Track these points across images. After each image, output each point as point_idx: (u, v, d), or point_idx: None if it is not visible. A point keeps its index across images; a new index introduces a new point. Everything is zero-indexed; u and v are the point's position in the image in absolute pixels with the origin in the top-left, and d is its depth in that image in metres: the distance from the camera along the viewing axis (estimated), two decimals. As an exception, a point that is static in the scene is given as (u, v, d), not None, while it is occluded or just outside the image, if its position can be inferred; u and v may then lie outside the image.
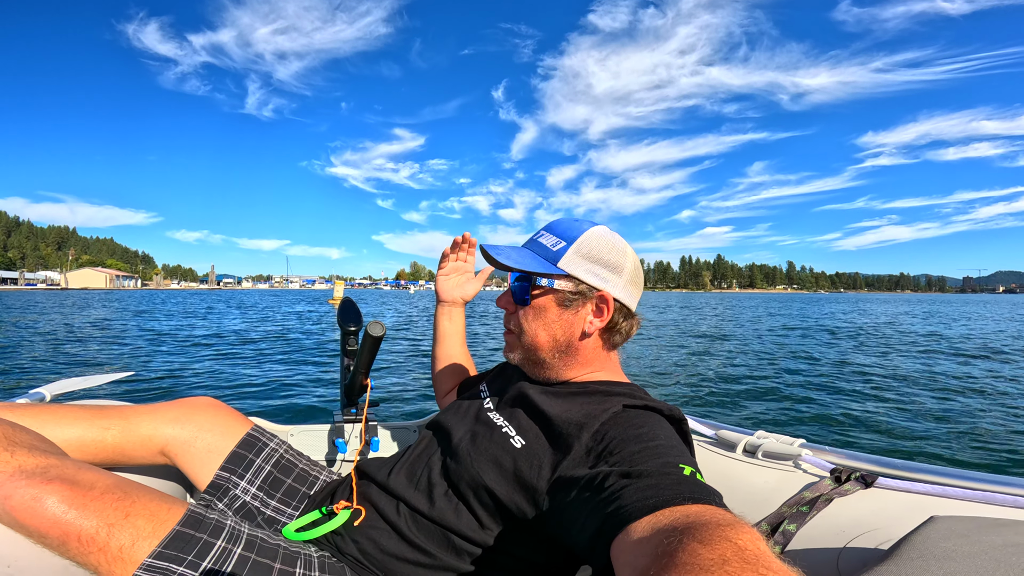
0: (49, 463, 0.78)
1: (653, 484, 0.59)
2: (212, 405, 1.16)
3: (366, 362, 1.31)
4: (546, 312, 0.93)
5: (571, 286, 0.91)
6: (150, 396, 5.89)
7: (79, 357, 8.92)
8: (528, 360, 0.97)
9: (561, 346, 0.93)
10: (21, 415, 0.96)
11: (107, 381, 1.67)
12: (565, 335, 0.93)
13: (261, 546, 0.87)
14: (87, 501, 0.74)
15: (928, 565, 0.65)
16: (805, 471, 1.14)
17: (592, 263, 0.91)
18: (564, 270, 0.90)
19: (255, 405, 5.44)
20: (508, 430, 0.88)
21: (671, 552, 0.43)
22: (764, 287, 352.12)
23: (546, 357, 0.94)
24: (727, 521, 0.47)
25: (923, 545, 0.71)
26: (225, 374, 7.28)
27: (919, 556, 0.68)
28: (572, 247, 0.91)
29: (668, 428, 0.79)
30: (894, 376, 7.61)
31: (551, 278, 0.91)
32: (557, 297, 0.92)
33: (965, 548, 0.68)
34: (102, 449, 1.01)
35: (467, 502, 0.86)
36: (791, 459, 1.18)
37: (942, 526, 0.76)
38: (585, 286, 0.91)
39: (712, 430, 1.37)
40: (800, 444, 1.21)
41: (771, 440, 1.24)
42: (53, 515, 0.72)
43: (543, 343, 0.94)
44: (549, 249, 0.93)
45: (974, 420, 5.05)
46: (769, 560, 0.40)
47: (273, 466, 1.14)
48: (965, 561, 0.65)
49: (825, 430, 4.76)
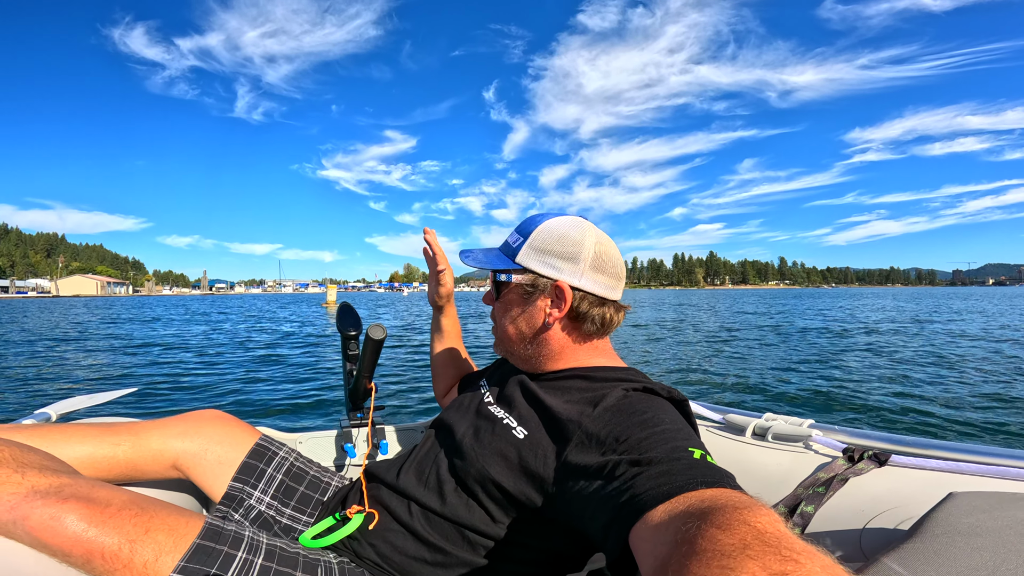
0: (63, 482, 0.77)
1: (665, 471, 0.58)
2: (219, 417, 1.16)
3: (369, 365, 1.30)
4: (511, 306, 0.97)
5: (528, 279, 0.93)
6: (157, 412, 5.82)
7: (94, 370, 8.83)
8: (507, 353, 1.02)
9: (527, 337, 0.96)
10: (30, 436, 0.96)
11: (112, 398, 1.64)
12: (529, 327, 0.95)
13: (281, 555, 0.86)
14: (106, 518, 0.73)
15: (954, 541, 0.64)
16: (816, 452, 1.13)
17: (545, 254, 0.92)
18: (520, 264, 0.93)
19: (261, 414, 5.41)
20: (509, 422, 0.88)
21: (690, 539, 0.42)
22: (757, 283, 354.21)
23: (518, 349, 0.98)
24: (744, 504, 0.46)
25: (946, 522, 0.70)
26: (228, 384, 7.22)
27: (944, 533, 0.67)
28: (527, 241, 0.94)
29: (672, 411, 0.78)
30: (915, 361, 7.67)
31: (508, 273, 0.95)
32: (517, 291, 0.95)
33: (989, 523, 0.67)
34: (114, 465, 1.01)
35: (477, 497, 0.85)
36: (801, 440, 1.17)
37: (963, 502, 0.75)
38: (542, 279, 0.92)
39: (720, 415, 1.37)
40: (809, 425, 1.20)
41: (780, 422, 1.23)
42: (74, 533, 0.71)
43: (512, 335, 0.97)
44: (511, 246, 0.96)
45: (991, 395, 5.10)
46: (791, 541, 0.39)
47: (284, 474, 1.14)
48: (991, 536, 0.64)
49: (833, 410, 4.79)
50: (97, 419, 1.28)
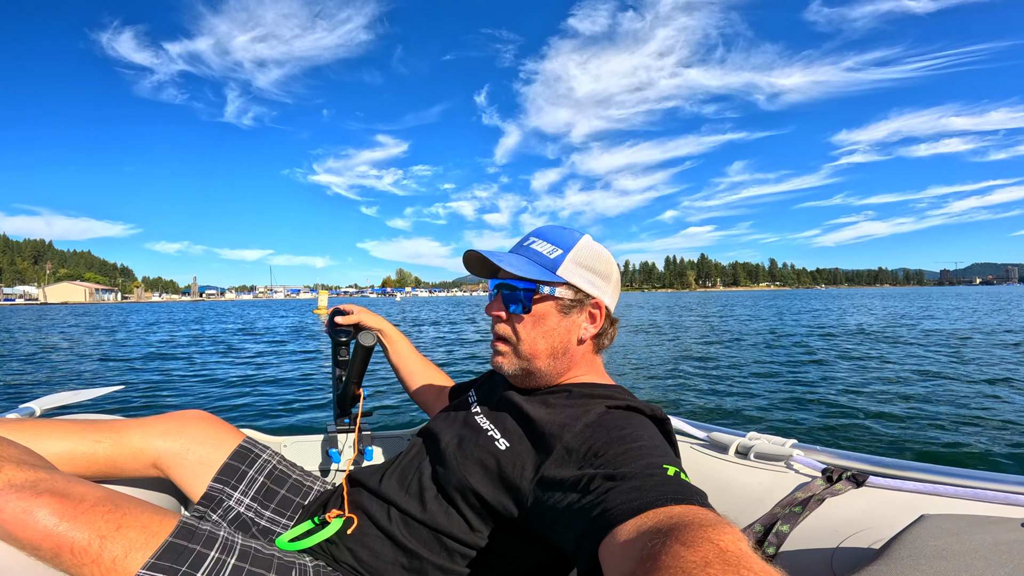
0: (39, 477, 0.78)
1: (637, 486, 0.59)
2: (203, 418, 1.15)
3: (358, 372, 1.30)
4: (545, 320, 0.92)
5: (570, 294, 0.92)
6: (141, 410, 5.75)
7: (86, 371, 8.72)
8: (523, 369, 0.95)
9: (558, 353, 0.94)
10: (11, 430, 0.95)
11: (98, 395, 1.64)
12: (562, 342, 0.93)
13: (255, 557, 0.86)
14: (78, 514, 0.73)
15: (919, 564, 0.65)
16: (797, 471, 1.14)
17: (587, 271, 0.92)
18: (563, 278, 0.91)
19: (246, 417, 5.35)
20: (493, 433, 0.89)
21: (655, 555, 0.43)
22: (748, 285, 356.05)
23: (542, 366, 0.94)
24: (709, 521, 0.47)
25: (914, 544, 0.70)
26: (216, 386, 7.15)
27: (910, 555, 0.67)
28: (569, 255, 0.92)
29: (652, 428, 0.79)
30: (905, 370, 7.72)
31: (552, 286, 0.91)
32: (557, 305, 0.92)
33: (956, 546, 0.68)
34: (94, 462, 1.01)
35: (456, 505, 0.86)
36: (783, 460, 1.18)
37: (932, 524, 0.76)
38: (582, 294, 0.92)
39: (704, 432, 1.37)
40: (791, 444, 1.21)
41: (763, 441, 1.24)
42: (45, 527, 0.71)
43: (541, 351, 0.93)
44: (546, 256, 0.92)
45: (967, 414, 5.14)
46: (751, 561, 0.40)
47: (266, 477, 1.14)
48: (956, 559, 0.65)
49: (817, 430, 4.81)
50: (80, 416, 1.28)
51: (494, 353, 0.99)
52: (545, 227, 0.98)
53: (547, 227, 0.98)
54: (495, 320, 0.98)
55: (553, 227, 0.98)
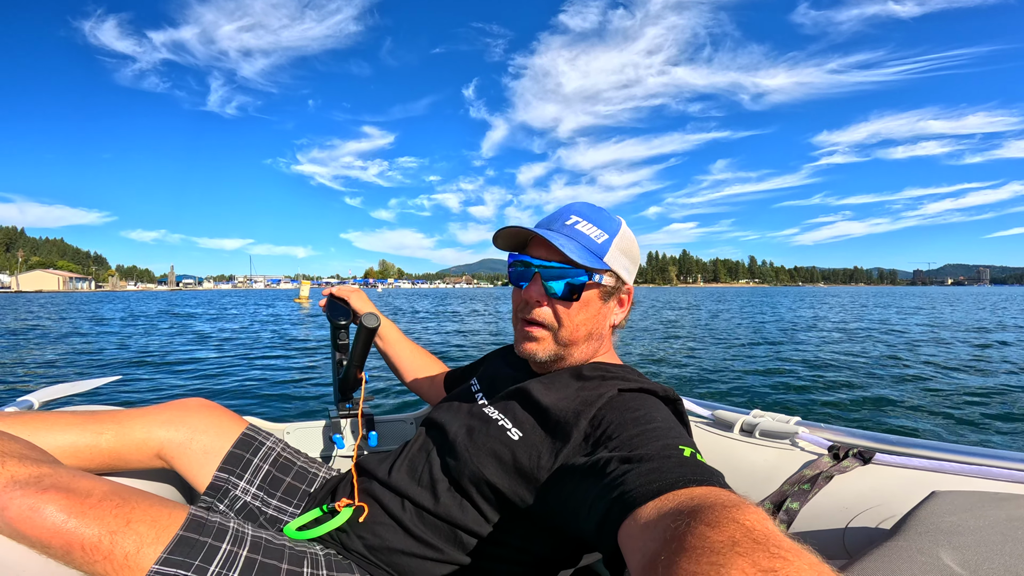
0: (43, 472, 0.75)
1: (655, 468, 0.58)
2: (205, 406, 1.13)
3: (360, 355, 1.26)
4: (589, 306, 0.90)
5: (612, 281, 0.91)
6: (141, 400, 5.66)
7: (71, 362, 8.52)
8: (557, 355, 0.92)
9: (593, 338, 0.94)
10: (10, 424, 0.93)
11: (96, 386, 1.61)
12: (598, 328, 0.93)
13: (267, 547, 0.85)
14: (86, 509, 0.72)
15: (936, 539, 0.65)
16: (803, 449, 1.14)
17: (627, 258, 0.93)
18: (608, 265, 0.90)
19: (248, 404, 5.31)
20: (504, 423, 0.87)
21: (680, 536, 0.43)
22: (728, 281, 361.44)
23: (576, 352, 0.93)
24: (732, 502, 0.46)
25: (928, 520, 0.70)
26: (216, 374, 7.06)
27: (926, 531, 0.67)
28: (615, 241, 0.91)
29: (664, 409, 0.79)
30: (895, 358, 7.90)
31: (600, 273, 0.89)
32: (601, 291, 0.91)
33: (971, 522, 0.68)
34: (97, 454, 0.98)
35: (470, 497, 0.85)
36: (788, 437, 1.18)
37: (945, 501, 0.76)
38: (620, 280, 0.93)
39: (708, 411, 1.37)
40: (796, 422, 1.21)
41: (767, 419, 1.24)
42: (53, 524, 0.69)
43: (581, 336, 0.91)
44: (594, 241, 0.89)
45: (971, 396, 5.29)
46: (779, 538, 0.39)
47: (271, 465, 1.12)
48: (972, 535, 0.65)
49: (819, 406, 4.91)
50: (80, 407, 1.25)
51: (525, 338, 0.93)
52: (584, 206, 0.94)
53: (587, 206, 0.94)
54: (532, 304, 0.91)
55: (592, 207, 0.95)
